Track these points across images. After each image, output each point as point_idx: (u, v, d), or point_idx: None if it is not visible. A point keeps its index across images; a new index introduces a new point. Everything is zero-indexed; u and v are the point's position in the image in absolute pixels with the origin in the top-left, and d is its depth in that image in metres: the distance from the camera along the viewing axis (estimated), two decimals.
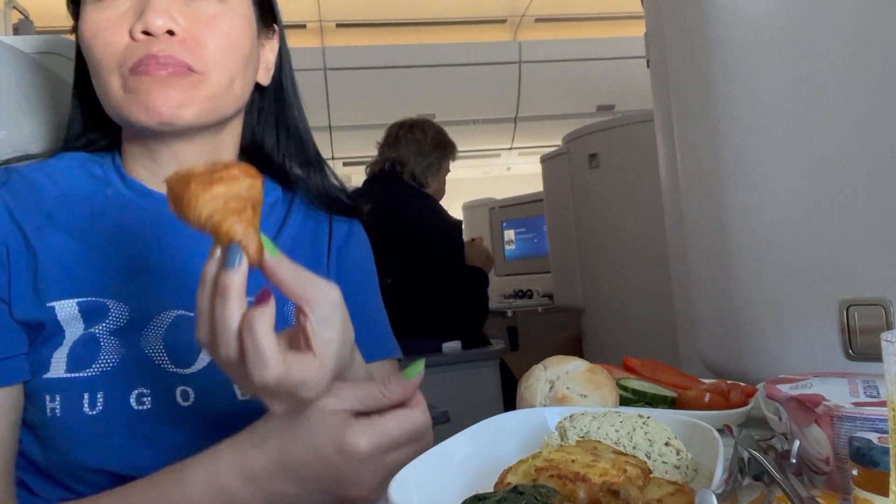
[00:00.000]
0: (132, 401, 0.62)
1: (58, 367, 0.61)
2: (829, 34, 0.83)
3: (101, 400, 0.61)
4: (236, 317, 0.46)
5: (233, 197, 0.45)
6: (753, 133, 0.90)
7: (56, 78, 0.88)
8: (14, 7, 2.77)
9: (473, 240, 2.66)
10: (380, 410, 0.52)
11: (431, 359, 2.04)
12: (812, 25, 0.84)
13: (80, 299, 0.63)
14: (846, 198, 0.83)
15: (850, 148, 0.82)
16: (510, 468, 0.49)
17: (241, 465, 0.52)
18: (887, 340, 0.34)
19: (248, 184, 0.46)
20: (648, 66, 1.25)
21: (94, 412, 0.60)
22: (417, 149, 2.37)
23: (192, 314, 0.65)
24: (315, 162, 0.83)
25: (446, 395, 1.94)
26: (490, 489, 0.48)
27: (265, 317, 0.46)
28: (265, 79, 0.77)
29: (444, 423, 1.63)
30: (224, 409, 0.65)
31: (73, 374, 0.61)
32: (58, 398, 0.60)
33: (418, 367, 0.53)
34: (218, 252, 0.47)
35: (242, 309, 0.46)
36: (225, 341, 0.46)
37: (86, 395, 0.60)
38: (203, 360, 0.66)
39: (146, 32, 0.62)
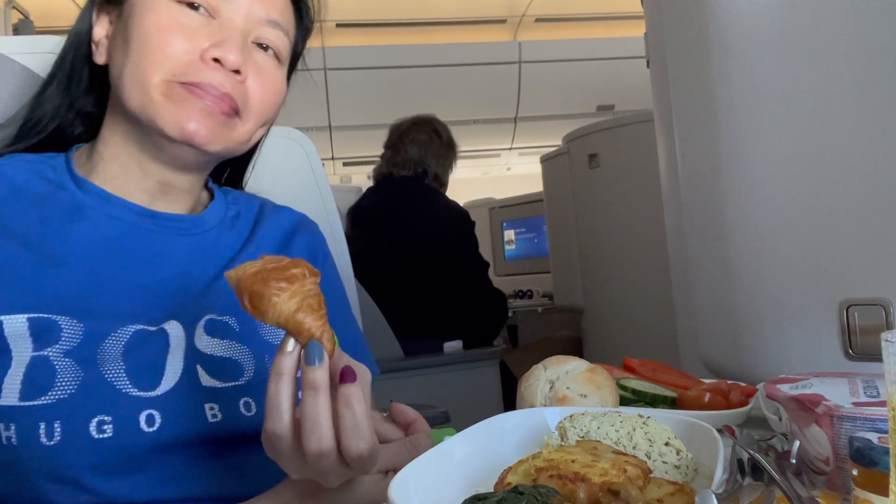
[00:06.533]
0: (92, 429, 0.57)
1: (10, 394, 0.57)
2: (829, 34, 0.83)
3: (58, 430, 0.56)
4: (329, 409, 0.48)
5: (308, 295, 0.48)
6: (753, 133, 0.89)
7: None
8: (14, 7, 2.77)
9: None
10: None
11: (432, 359, 2.04)
12: (812, 25, 0.84)
13: (31, 315, 0.59)
14: (846, 198, 0.83)
15: (851, 148, 0.82)
16: (510, 468, 0.49)
17: None
18: (887, 340, 0.34)
19: (312, 281, 0.49)
20: (648, 66, 1.25)
21: (52, 442, 0.56)
22: (436, 150, 2.28)
23: (152, 328, 0.63)
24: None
25: (446, 395, 1.93)
26: (490, 489, 0.48)
27: (359, 393, 0.48)
28: None
29: (444, 424, 1.62)
30: (194, 434, 0.62)
31: (27, 403, 0.57)
32: (13, 427, 0.56)
33: (450, 433, 0.57)
34: (290, 345, 0.48)
35: (329, 401, 0.48)
36: (318, 433, 0.47)
37: (42, 425, 0.56)
38: (169, 381, 0.62)
39: (217, 60, 0.64)
